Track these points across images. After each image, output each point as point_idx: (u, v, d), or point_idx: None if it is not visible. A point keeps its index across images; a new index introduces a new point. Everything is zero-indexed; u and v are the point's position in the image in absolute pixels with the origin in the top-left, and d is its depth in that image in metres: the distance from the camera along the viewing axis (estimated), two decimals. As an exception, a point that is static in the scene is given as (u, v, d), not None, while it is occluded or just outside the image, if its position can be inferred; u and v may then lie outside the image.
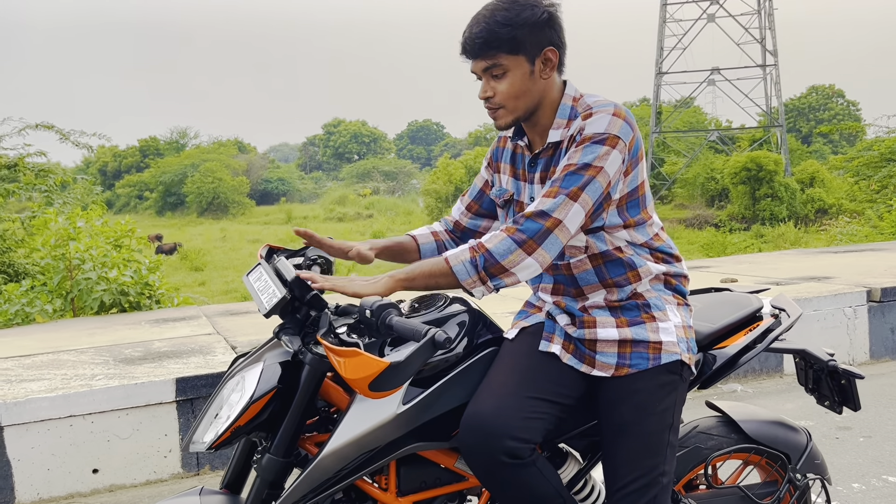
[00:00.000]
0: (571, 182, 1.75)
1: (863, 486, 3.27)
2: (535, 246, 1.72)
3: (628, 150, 1.80)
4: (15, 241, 8.30)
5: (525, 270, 1.74)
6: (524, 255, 1.72)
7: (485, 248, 1.73)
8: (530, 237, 1.73)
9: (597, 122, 1.79)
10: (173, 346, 4.55)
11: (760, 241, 25.60)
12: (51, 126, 8.88)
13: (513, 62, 1.82)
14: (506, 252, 1.72)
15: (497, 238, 1.75)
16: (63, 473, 3.47)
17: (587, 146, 1.78)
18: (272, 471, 1.77)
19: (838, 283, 5.78)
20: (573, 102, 1.89)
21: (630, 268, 1.89)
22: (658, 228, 1.97)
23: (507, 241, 1.73)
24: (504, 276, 1.74)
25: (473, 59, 1.85)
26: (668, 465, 1.87)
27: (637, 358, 1.87)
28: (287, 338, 1.78)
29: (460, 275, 1.73)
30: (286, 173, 67.01)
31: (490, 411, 1.76)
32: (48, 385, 3.64)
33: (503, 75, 1.84)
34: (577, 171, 1.76)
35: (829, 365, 2.21)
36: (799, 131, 60.79)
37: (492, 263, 1.72)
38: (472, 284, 1.74)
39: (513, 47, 1.81)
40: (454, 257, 1.75)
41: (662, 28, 45.64)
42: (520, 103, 1.86)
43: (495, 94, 1.85)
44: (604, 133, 1.78)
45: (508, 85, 1.84)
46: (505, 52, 1.81)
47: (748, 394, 4.74)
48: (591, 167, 1.75)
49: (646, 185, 1.90)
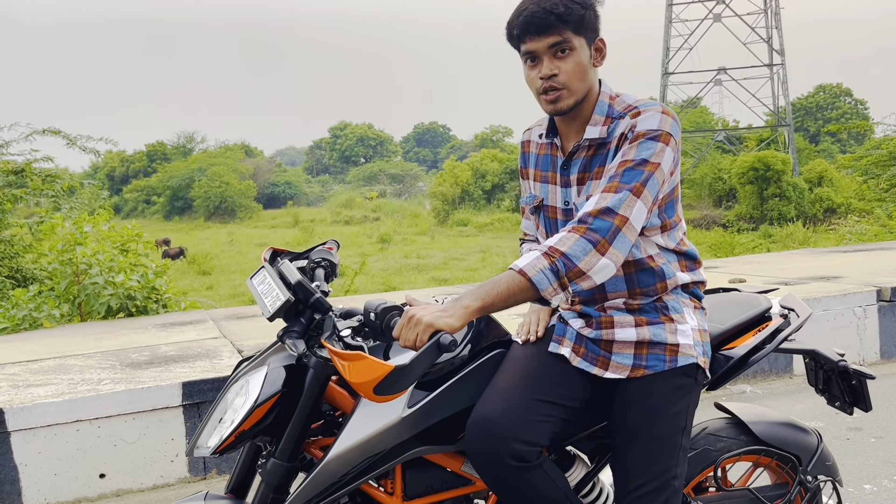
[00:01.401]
0: (632, 178, 1.71)
1: (874, 487, 3.24)
2: (607, 246, 1.66)
3: (677, 148, 1.79)
4: (22, 247, 8.32)
5: (601, 273, 1.67)
6: (598, 257, 1.65)
7: (559, 251, 1.65)
8: (603, 237, 1.66)
9: (649, 120, 1.77)
10: (180, 350, 4.55)
11: (769, 241, 25.48)
12: (58, 131, 8.90)
13: (578, 42, 1.78)
14: (581, 254, 1.64)
15: (570, 240, 1.66)
16: (70, 478, 3.47)
17: (642, 142, 1.75)
18: (277, 475, 1.76)
19: (848, 282, 5.73)
20: (610, 101, 1.87)
21: (660, 279, 1.87)
22: (683, 233, 1.95)
23: (581, 242, 1.66)
24: (582, 279, 1.66)
25: (540, 34, 1.77)
26: (679, 469, 1.85)
27: (653, 360, 1.84)
28: (291, 341, 1.76)
29: (541, 285, 1.62)
30: (293, 177, 67.09)
31: (496, 414, 1.74)
32: (55, 390, 3.63)
33: (568, 54, 1.78)
34: (635, 166, 1.73)
35: (840, 365, 2.19)
36: (807, 130, 60.55)
37: (570, 267, 1.63)
38: (552, 293, 1.64)
39: (579, 26, 1.77)
40: (530, 268, 1.63)
41: (668, 28, 45.56)
42: (582, 85, 1.81)
43: (560, 72, 1.79)
44: (657, 130, 1.75)
45: (574, 64, 1.79)
46: (572, 30, 1.77)
47: (757, 395, 4.71)
48: (648, 163, 1.73)
49: (679, 187, 1.88)
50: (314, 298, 1.74)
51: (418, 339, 1.54)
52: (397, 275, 19.91)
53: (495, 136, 72.11)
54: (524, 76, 1.87)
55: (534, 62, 1.82)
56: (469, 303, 1.60)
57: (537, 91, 1.83)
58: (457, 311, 1.58)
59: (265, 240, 32.47)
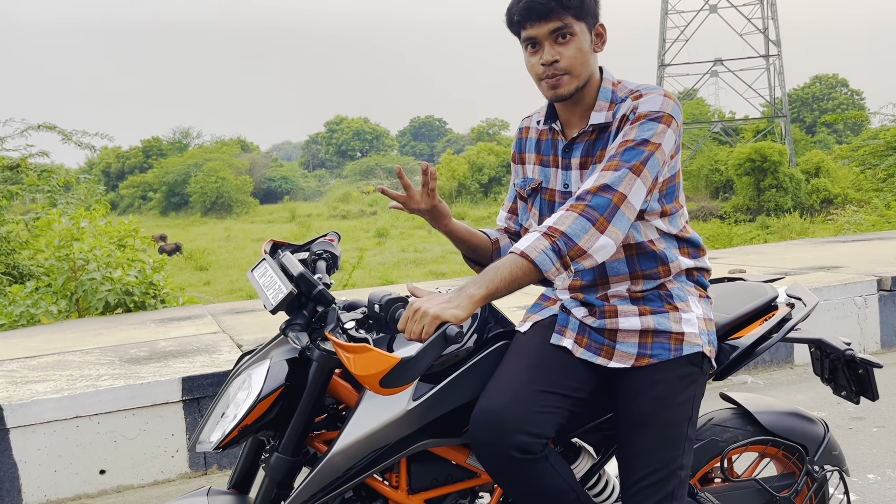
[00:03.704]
0: (632, 157, 1.71)
1: (878, 476, 3.23)
2: (606, 223, 1.65)
3: (678, 131, 1.78)
4: (19, 243, 8.28)
5: (601, 251, 1.65)
6: (598, 235, 1.64)
7: (559, 230, 1.63)
8: (601, 214, 1.65)
9: (651, 102, 1.76)
10: (179, 346, 4.52)
11: (766, 232, 25.50)
12: (53, 127, 8.86)
13: (578, 27, 1.78)
14: (581, 232, 1.63)
15: (568, 218, 1.65)
16: (70, 475, 3.44)
17: (643, 122, 1.74)
18: (281, 470, 1.74)
19: (848, 272, 5.73)
20: (613, 87, 1.87)
21: (662, 262, 1.86)
22: (685, 221, 1.94)
23: (580, 221, 1.64)
24: (583, 258, 1.64)
25: (541, 20, 1.77)
26: (685, 459, 1.83)
27: (658, 348, 1.83)
28: (294, 334, 1.74)
29: (544, 266, 1.60)
30: (289, 172, 66.98)
31: (501, 406, 1.72)
32: (54, 386, 3.61)
33: (570, 40, 1.78)
34: (636, 146, 1.72)
35: (846, 354, 2.17)
36: (803, 121, 60.61)
37: (571, 246, 1.62)
38: (555, 273, 1.62)
39: (580, 12, 1.77)
40: (531, 249, 1.61)
41: (664, 19, 45.52)
42: (584, 70, 1.81)
43: (561, 58, 1.79)
44: (659, 111, 1.75)
45: (575, 49, 1.78)
46: (572, 15, 1.77)
47: (759, 385, 4.70)
48: (649, 143, 1.72)
49: (680, 173, 1.87)
50: (317, 290, 1.72)
51: (424, 330, 1.52)
52: (395, 269, 19.90)
53: (491, 130, 72.05)
54: (525, 62, 1.86)
55: (535, 48, 1.81)
56: (473, 291, 1.57)
57: (538, 77, 1.83)
58: (462, 301, 1.55)
59: (262, 235, 32.44)
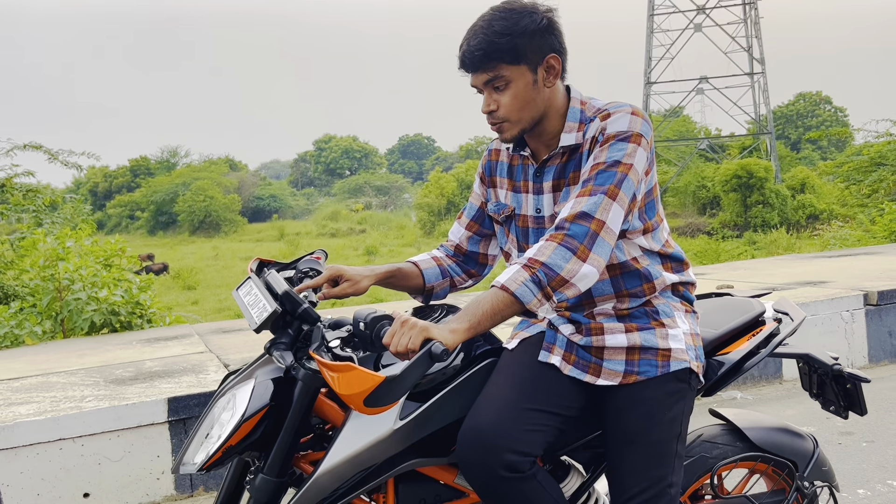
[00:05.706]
0: (605, 180, 1.70)
1: (868, 491, 3.22)
2: (587, 251, 1.64)
3: (649, 148, 1.77)
4: (4, 263, 8.20)
5: (584, 280, 1.65)
6: (580, 263, 1.63)
7: (539, 261, 1.63)
8: (581, 242, 1.64)
9: (618, 121, 1.76)
10: (165, 366, 4.48)
11: (753, 248, 25.65)
12: (39, 146, 8.81)
13: (515, 72, 1.76)
14: (562, 262, 1.62)
15: (548, 248, 1.64)
16: (53, 498, 3.39)
17: (613, 144, 1.73)
18: (266, 491, 1.71)
19: (834, 287, 5.75)
20: (581, 105, 1.86)
21: (646, 280, 1.85)
22: (667, 234, 1.93)
23: (560, 250, 1.63)
24: (565, 288, 1.63)
25: (473, 72, 1.78)
26: (675, 476, 1.82)
27: (646, 365, 1.82)
28: (279, 353, 1.72)
29: (524, 298, 1.60)
30: (278, 190, 66.86)
31: (488, 424, 1.70)
32: (37, 408, 3.56)
33: (506, 87, 1.78)
34: (607, 168, 1.71)
35: (834, 369, 2.18)
36: (788, 138, 61.17)
37: (552, 277, 1.61)
38: (537, 305, 1.62)
39: (514, 57, 1.75)
40: (511, 282, 1.61)
41: (650, 38, 45.97)
42: (525, 114, 1.80)
43: (499, 107, 1.79)
44: (627, 131, 1.74)
45: (512, 97, 1.78)
46: (506, 62, 1.75)
47: (748, 401, 4.70)
48: (621, 164, 1.71)
49: (657, 187, 1.87)
50: (302, 309, 1.70)
51: (411, 342, 1.51)
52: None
53: (480, 147, 72.28)
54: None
55: (481, 93, 1.83)
56: (456, 326, 1.58)
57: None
58: (444, 336, 1.54)
59: (250, 253, 32.30)
